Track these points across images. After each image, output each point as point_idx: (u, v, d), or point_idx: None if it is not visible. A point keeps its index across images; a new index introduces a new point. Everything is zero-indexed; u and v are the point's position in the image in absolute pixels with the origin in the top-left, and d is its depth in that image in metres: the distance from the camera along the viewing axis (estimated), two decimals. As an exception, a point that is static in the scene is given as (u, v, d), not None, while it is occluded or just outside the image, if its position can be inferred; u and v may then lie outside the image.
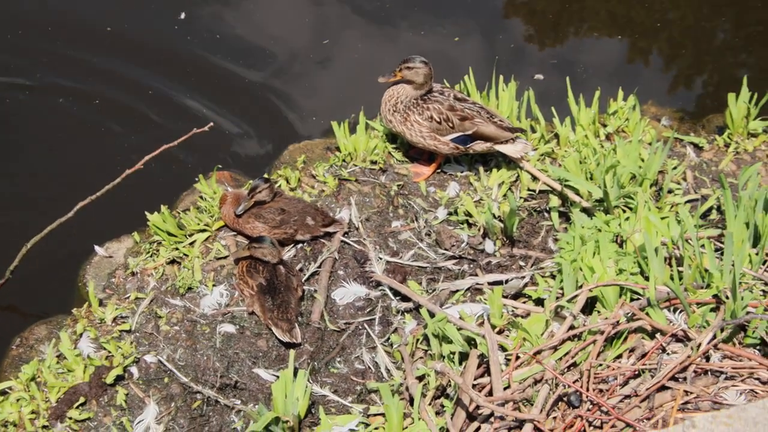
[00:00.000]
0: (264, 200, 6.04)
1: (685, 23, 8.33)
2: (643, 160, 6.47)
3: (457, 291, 5.90)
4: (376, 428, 5.22)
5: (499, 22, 8.32)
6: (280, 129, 7.33)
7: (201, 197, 6.39)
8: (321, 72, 7.79)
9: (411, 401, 5.25)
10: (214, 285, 5.90)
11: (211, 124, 6.13)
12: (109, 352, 5.53)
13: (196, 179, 6.45)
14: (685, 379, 4.86)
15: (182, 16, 7.98)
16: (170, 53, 7.70)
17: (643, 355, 5.00)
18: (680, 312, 5.20)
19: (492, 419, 4.86)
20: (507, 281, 5.89)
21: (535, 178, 6.56)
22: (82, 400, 5.29)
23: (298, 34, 8.04)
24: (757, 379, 4.87)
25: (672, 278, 5.34)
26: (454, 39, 8.05)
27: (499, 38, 8.12)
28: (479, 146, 6.42)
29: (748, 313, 5.05)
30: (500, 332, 5.40)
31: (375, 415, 5.33)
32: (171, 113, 7.32)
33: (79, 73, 7.48)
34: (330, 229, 6.16)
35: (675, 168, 6.59)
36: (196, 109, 7.38)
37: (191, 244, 6.12)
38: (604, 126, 6.93)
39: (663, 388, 4.85)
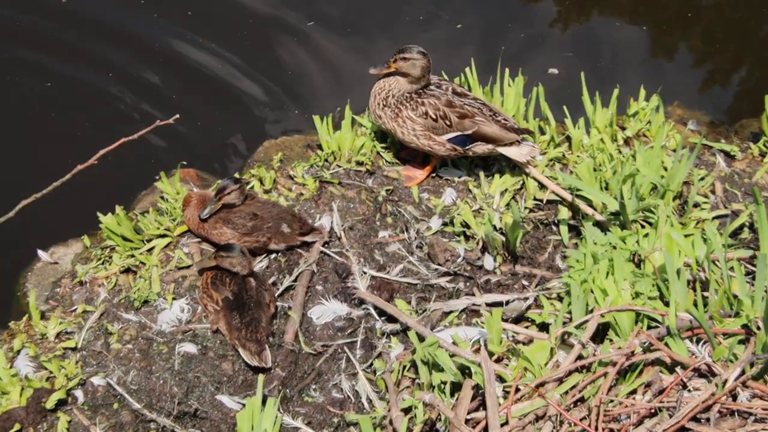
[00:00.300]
0: (233, 203, 6.01)
1: (721, 14, 8.32)
2: (666, 169, 6.45)
3: (451, 312, 5.88)
4: (353, 467, 5.22)
5: (509, 7, 8.32)
6: (254, 123, 7.31)
7: (162, 198, 6.36)
8: (304, 58, 7.76)
9: (394, 437, 5.21)
10: (174, 298, 5.86)
11: (177, 115, 6.11)
12: (51, 372, 5.47)
13: (157, 177, 6.40)
14: (708, 420, 4.81)
15: None
16: (132, 32, 7.68)
17: (661, 392, 4.96)
18: (704, 343, 5.16)
19: (486, 461, 4.83)
20: (507, 303, 5.87)
21: (542, 187, 6.54)
22: (17, 427, 5.22)
23: (279, 12, 8.01)
24: (791, 422, 4.84)
25: (696, 304, 5.30)
26: (456, 26, 8.05)
27: (508, 26, 8.11)
28: (480, 148, 6.38)
29: (781, 346, 5.01)
30: (498, 360, 5.36)
31: (353, 451, 5.31)
32: (133, 101, 7.29)
33: (27, 44, 7.46)
34: (308, 239, 6.13)
35: (702, 179, 6.59)
36: (161, 97, 7.34)
37: (149, 251, 6.08)
38: (623, 129, 6.92)
39: (683, 429, 4.80)
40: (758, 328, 5.08)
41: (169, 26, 7.80)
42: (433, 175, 6.65)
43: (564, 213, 6.37)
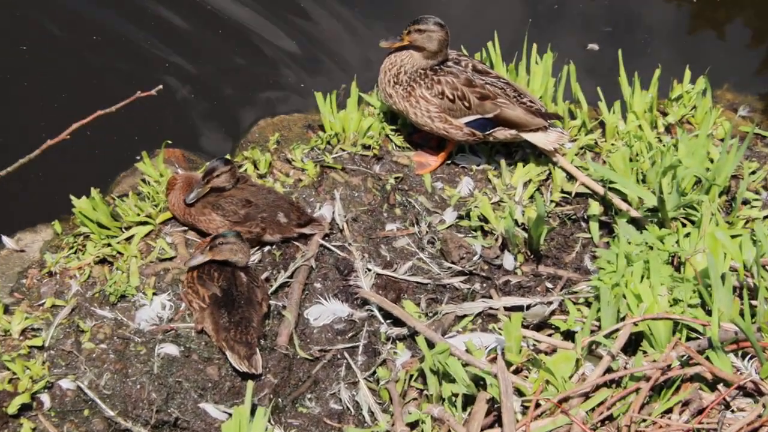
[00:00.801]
0: (223, 187, 6.02)
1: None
2: (712, 161, 6.44)
3: (465, 316, 5.89)
4: (352, 487, 5.24)
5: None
6: (249, 98, 7.32)
7: (143, 180, 6.37)
8: (306, 28, 7.77)
9: (398, 455, 5.23)
10: (154, 293, 5.87)
11: (160, 86, 6.09)
12: (14, 373, 5.47)
13: (138, 157, 6.41)
14: (753, 444, 4.83)
15: None
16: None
17: (701, 411, 4.97)
18: (751, 358, 5.17)
19: (501, 484, 4.85)
20: (529, 307, 5.88)
21: (571, 178, 6.54)
22: (-25, 433, 5.27)
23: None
24: None
25: (742, 314, 5.30)
26: None
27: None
28: (501, 133, 6.39)
29: (837, 363, 5.01)
30: (517, 372, 5.37)
31: (352, 470, 5.34)
32: (113, 68, 7.29)
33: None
34: (307, 230, 6.14)
35: (753, 173, 6.57)
36: (145, 65, 7.35)
37: (128, 239, 6.09)
38: (665, 115, 6.91)
39: (724, 454, 4.83)
40: (812, 343, 5.08)
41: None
42: (449, 162, 6.66)
43: (595, 208, 6.37)
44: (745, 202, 6.44)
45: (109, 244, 6.05)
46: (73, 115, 5.79)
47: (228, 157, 6.24)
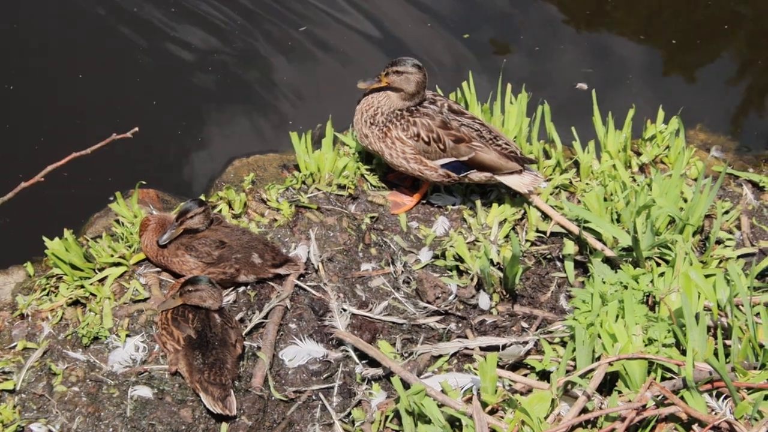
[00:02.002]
0: (197, 228, 6.01)
1: (750, 30, 8.36)
2: (685, 201, 6.49)
3: (441, 356, 5.88)
4: None
5: (519, 16, 8.37)
6: (224, 138, 7.34)
7: (117, 221, 6.36)
8: (283, 68, 7.80)
9: (374, 498, 5.23)
10: (127, 335, 5.84)
11: (136, 129, 6.11)
12: (-15, 417, 5.45)
13: (112, 198, 6.41)
14: (727, 484, 4.84)
15: None
16: (96, 29, 7.73)
17: (675, 451, 4.98)
18: (725, 398, 5.17)
19: None
20: (504, 347, 5.88)
21: (546, 217, 6.56)
22: (-57, 479, 5.23)
23: (259, 15, 8.06)
24: (821, 489, 4.85)
25: (716, 354, 5.30)
26: (464, 35, 8.10)
27: (512, 37, 8.16)
28: (476, 176, 6.42)
29: (812, 402, 5.03)
30: (493, 412, 5.36)
31: None
32: (87, 111, 7.29)
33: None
34: (282, 271, 6.14)
35: (727, 212, 6.61)
36: (121, 107, 7.35)
37: (101, 281, 6.07)
38: (638, 154, 6.96)
39: (699, 495, 4.84)
40: (786, 382, 5.10)
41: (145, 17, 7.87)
42: (424, 201, 6.67)
43: (570, 247, 6.38)
44: (719, 242, 6.48)
45: (82, 286, 6.02)
46: (50, 157, 5.85)
47: (203, 197, 6.24)
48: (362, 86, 6.38)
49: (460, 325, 6.10)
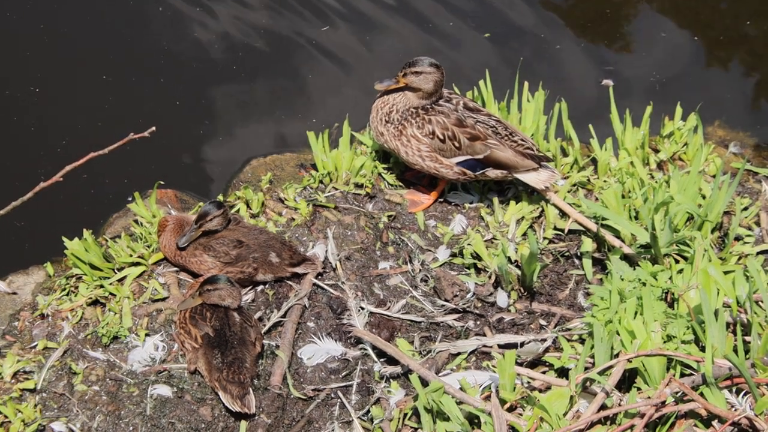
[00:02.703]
0: (215, 230, 6.04)
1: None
2: (704, 197, 6.48)
3: (459, 354, 5.90)
4: None
5: (537, 15, 8.37)
6: (241, 138, 7.34)
7: (136, 221, 6.38)
8: (300, 68, 7.81)
9: (393, 495, 5.24)
10: (147, 334, 5.87)
11: (153, 128, 6.12)
12: (6, 417, 5.45)
13: (131, 198, 6.44)
14: (747, 480, 4.84)
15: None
16: (118, 36, 7.74)
17: (695, 448, 4.96)
18: (745, 394, 5.16)
19: None
20: (522, 344, 5.89)
21: (564, 215, 6.56)
22: (-33, 478, 5.26)
23: (278, 16, 8.08)
24: (841, 484, 4.84)
25: (736, 350, 5.29)
26: (484, 35, 8.10)
27: (541, 36, 8.16)
28: (493, 173, 6.42)
29: (832, 398, 5.01)
30: (511, 409, 5.36)
31: None
32: (106, 111, 7.31)
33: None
34: (299, 270, 6.15)
35: (746, 209, 6.60)
36: (138, 107, 7.38)
37: (120, 280, 6.09)
38: (656, 151, 6.95)
39: (719, 491, 4.83)
40: (805, 378, 5.09)
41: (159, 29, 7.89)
42: (441, 200, 6.68)
43: (588, 245, 6.38)
44: (738, 238, 6.46)
45: (101, 286, 6.04)
46: (68, 157, 5.87)
47: (221, 198, 6.25)
48: (380, 87, 6.39)
49: (478, 322, 6.11)
